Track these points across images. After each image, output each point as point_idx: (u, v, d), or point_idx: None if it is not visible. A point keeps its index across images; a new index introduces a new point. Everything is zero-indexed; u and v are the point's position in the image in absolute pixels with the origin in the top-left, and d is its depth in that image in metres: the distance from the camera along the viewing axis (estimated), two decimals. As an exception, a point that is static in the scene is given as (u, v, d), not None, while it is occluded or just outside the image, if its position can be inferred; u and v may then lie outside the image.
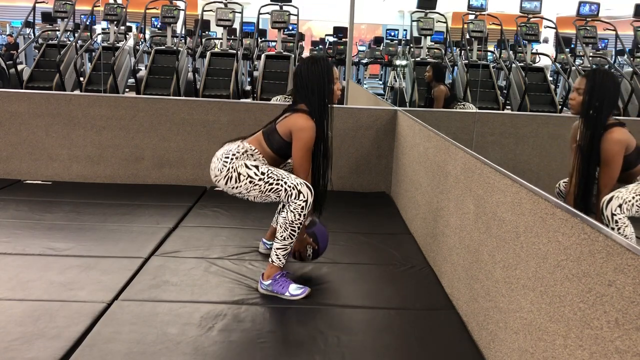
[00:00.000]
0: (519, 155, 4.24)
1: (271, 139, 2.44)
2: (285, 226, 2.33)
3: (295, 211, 2.31)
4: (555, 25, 7.90)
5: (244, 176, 2.34)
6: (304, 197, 2.31)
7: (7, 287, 2.32)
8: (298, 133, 2.36)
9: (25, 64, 9.39)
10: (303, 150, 2.37)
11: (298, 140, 2.36)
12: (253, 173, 2.34)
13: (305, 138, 2.36)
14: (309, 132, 2.35)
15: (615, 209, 2.28)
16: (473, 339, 2.08)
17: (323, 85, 2.41)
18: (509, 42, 8.58)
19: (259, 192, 2.35)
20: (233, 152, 2.39)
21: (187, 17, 9.16)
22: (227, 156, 2.38)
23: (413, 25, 7.79)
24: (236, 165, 2.36)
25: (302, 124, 2.36)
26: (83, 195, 3.69)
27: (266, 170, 2.35)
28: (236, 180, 2.35)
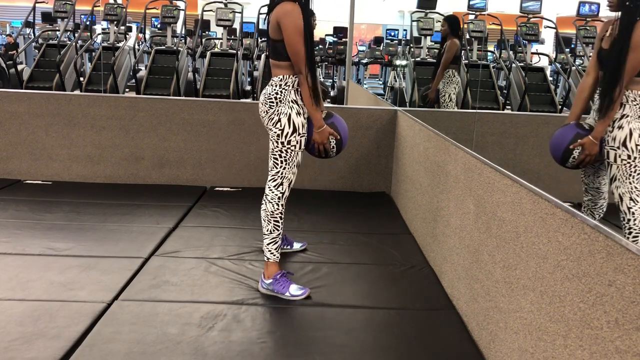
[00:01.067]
0: (519, 155, 4.24)
1: (277, 53, 2.34)
2: (268, 219, 2.40)
3: (273, 201, 2.39)
4: (555, 25, 7.90)
5: (281, 125, 2.33)
6: (282, 189, 2.39)
7: (7, 287, 2.32)
8: (285, 19, 2.25)
9: (25, 64, 9.39)
10: (294, 34, 2.25)
11: (287, 26, 2.25)
12: (286, 132, 2.33)
13: (293, 21, 2.24)
14: (294, 13, 2.25)
15: (630, 203, 2.37)
16: (473, 339, 2.08)
17: None
18: (509, 42, 8.58)
19: (272, 147, 2.38)
20: (273, 95, 2.35)
21: (187, 17, 9.16)
22: (270, 100, 2.35)
23: (413, 25, 7.79)
24: (281, 111, 2.33)
25: (286, 9, 2.26)
26: (83, 195, 3.69)
27: (293, 144, 2.34)
28: (274, 123, 2.34)
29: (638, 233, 2.37)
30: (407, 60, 8.26)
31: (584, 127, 2.56)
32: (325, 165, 4.03)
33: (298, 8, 2.27)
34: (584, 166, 2.59)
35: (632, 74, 2.40)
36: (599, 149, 2.48)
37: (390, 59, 10.71)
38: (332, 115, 2.52)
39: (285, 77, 2.35)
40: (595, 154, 2.50)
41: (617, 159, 2.40)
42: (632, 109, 2.39)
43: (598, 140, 2.47)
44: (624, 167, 2.38)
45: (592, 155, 2.50)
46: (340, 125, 2.52)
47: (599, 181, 2.67)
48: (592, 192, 2.70)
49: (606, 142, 2.45)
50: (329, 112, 2.54)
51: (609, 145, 2.43)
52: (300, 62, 2.29)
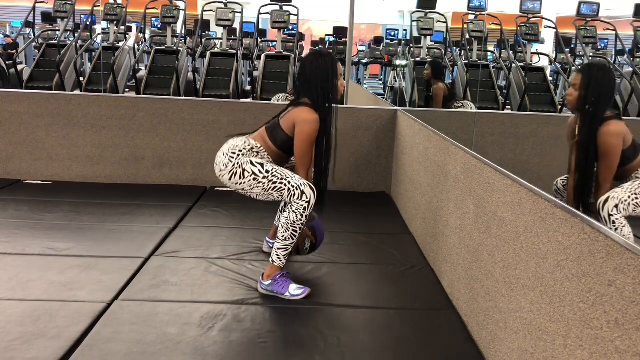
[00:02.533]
0: (519, 155, 4.24)
1: (275, 135, 2.43)
2: (287, 226, 2.33)
3: (298, 212, 2.31)
4: (555, 25, 7.90)
5: (249, 173, 2.34)
6: (307, 197, 2.31)
7: (7, 287, 2.32)
8: (300, 125, 2.34)
9: (25, 64, 9.39)
10: (305, 142, 2.36)
11: (300, 132, 2.35)
12: (257, 170, 2.34)
13: (307, 131, 2.34)
14: (311, 124, 2.34)
15: (612, 210, 2.28)
16: (473, 339, 2.08)
17: (327, 80, 2.39)
18: (509, 42, 8.58)
19: (262, 190, 2.35)
20: (240, 148, 2.38)
21: (187, 17, 9.16)
22: (233, 152, 2.38)
23: (413, 25, 7.79)
24: (242, 162, 2.35)
25: (305, 117, 2.34)
26: (83, 195, 3.69)
27: (271, 169, 2.35)
28: (240, 176, 2.35)
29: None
30: (407, 60, 8.26)
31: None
32: (325, 165, 4.02)
33: (316, 118, 2.36)
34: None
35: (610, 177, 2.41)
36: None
37: (390, 59, 10.70)
38: (314, 219, 2.57)
39: (262, 149, 2.43)
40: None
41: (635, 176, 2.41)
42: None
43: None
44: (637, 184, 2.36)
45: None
46: (319, 229, 2.59)
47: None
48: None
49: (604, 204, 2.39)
50: (312, 214, 2.55)
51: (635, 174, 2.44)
52: (303, 165, 2.41)
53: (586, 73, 2.49)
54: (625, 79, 7.18)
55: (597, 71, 2.50)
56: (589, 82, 2.46)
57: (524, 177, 1.77)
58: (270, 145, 2.44)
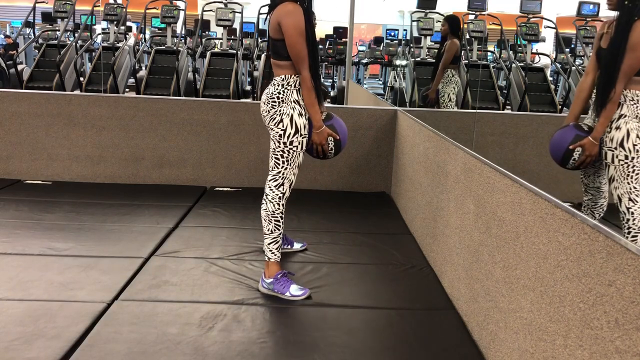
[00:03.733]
0: (519, 155, 4.24)
1: (278, 52, 2.35)
2: (269, 219, 2.40)
3: (274, 201, 2.39)
4: (555, 25, 7.90)
5: (283, 125, 2.33)
6: (282, 190, 2.39)
7: (7, 287, 2.32)
8: (286, 19, 2.24)
9: (25, 64, 9.39)
10: (295, 34, 2.25)
11: (287, 25, 2.24)
12: (288, 133, 2.33)
13: (294, 21, 2.24)
14: (297, 15, 2.25)
15: (629, 203, 2.36)
16: (473, 339, 2.08)
17: None
18: (509, 42, 8.58)
19: (274, 146, 2.37)
20: (275, 95, 2.35)
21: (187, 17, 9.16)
22: (273, 99, 2.35)
23: (413, 25, 7.79)
24: (283, 111, 2.33)
25: (288, 9, 2.25)
26: (83, 195, 3.69)
27: (295, 144, 2.34)
28: (276, 123, 2.34)
29: (637, 232, 2.37)
30: (407, 60, 8.26)
31: (583, 128, 2.55)
32: (325, 165, 4.03)
33: (300, 9, 2.27)
34: (584, 167, 2.58)
35: (630, 74, 2.38)
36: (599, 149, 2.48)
37: (390, 59, 10.70)
38: (332, 117, 2.52)
39: (287, 76, 2.35)
40: (596, 154, 2.49)
41: (615, 159, 2.40)
42: (629, 109, 2.38)
43: (598, 140, 2.46)
44: (622, 168, 2.37)
45: (593, 156, 2.49)
46: (340, 126, 2.52)
47: (599, 181, 2.66)
48: (593, 192, 2.70)
49: (604, 142, 2.44)
50: (329, 113, 2.54)
51: (607, 146, 2.42)
52: (301, 62, 2.29)
53: None
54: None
55: None
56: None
57: (524, 177, 1.77)
58: (285, 65, 2.34)
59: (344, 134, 2.53)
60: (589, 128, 2.54)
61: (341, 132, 2.52)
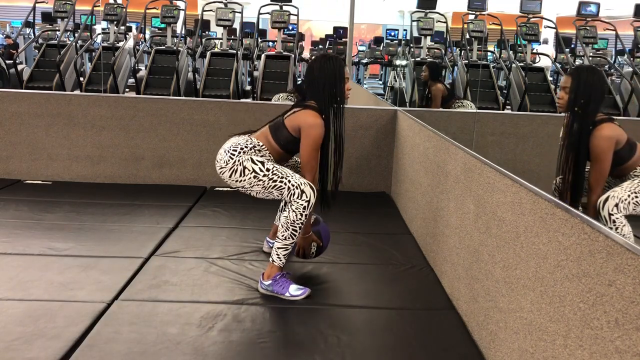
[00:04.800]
0: (519, 155, 4.24)
1: (278, 134, 2.42)
2: (287, 226, 2.33)
3: (297, 211, 2.31)
4: (555, 25, 7.90)
5: (249, 170, 2.34)
6: (307, 197, 2.31)
7: (7, 287, 2.32)
8: (307, 130, 2.34)
9: (25, 64, 9.39)
10: (311, 147, 2.36)
11: (307, 137, 2.35)
12: (258, 168, 2.33)
13: (314, 135, 2.34)
14: (318, 129, 2.34)
15: (612, 209, 2.29)
16: (473, 339, 2.08)
17: (334, 83, 2.41)
18: (509, 42, 8.58)
19: (262, 188, 2.35)
20: (241, 146, 2.38)
21: (187, 17, 9.16)
22: (234, 149, 2.37)
23: (413, 25, 7.79)
24: (242, 159, 2.35)
25: (311, 121, 2.35)
26: (83, 195, 3.69)
27: (271, 167, 2.35)
28: (241, 173, 2.35)
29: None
30: (407, 60, 8.26)
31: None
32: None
33: (322, 122, 2.36)
34: None
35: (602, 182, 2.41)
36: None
37: (390, 59, 10.70)
38: (319, 222, 2.60)
39: (264, 147, 2.42)
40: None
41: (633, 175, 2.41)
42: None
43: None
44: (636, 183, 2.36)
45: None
46: (325, 233, 2.61)
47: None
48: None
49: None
50: (317, 217, 2.60)
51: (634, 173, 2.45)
52: (308, 170, 2.40)
53: (575, 76, 2.49)
54: (626, 79, 7.18)
55: (586, 74, 2.49)
56: (578, 84, 2.45)
57: (524, 177, 1.77)
58: (273, 144, 2.43)
59: (327, 241, 2.64)
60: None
61: (325, 238, 2.62)
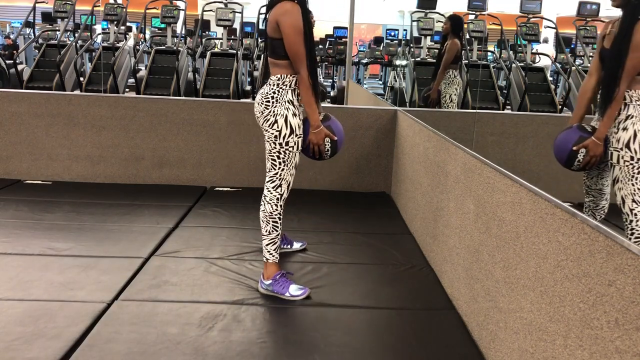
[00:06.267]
0: (519, 155, 4.24)
1: (276, 51, 2.34)
2: (267, 220, 2.40)
3: (272, 202, 2.39)
4: (555, 25, 7.90)
5: (277, 127, 2.31)
6: (281, 191, 2.39)
7: (7, 287, 2.32)
8: (284, 18, 2.24)
9: (25, 64, 9.39)
10: (294, 33, 2.25)
11: (285, 25, 2.25)
12: (283, 134, 2.32)
13: (292, 21, 2.24)
14: (295, 14, 2.25)
15: (632, 205, 2.34)
16: (473, 339, 2.08)
17: None
18: (509, 42, 8.58)
19: (270, 148, 2.37)
20: (270, 94, 2.34)
21: (187, 17, 9.16)
22: (267, 99, 2.34)
23: (413, 25, 7.79)
24: (277, 112, 2.32)
25: (286, 8, 2.26)
26: (83, 195, 3.69)
27: (291, 145, 2.34)
28: (271, 125, 2.33)
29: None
30: (407, 60, 8.26)
31: (587, 129, 2.54)
32: (325, 165, 4.03)
33: (298, 7, 2.27)
34: (589, 168, 2.55)
35: (632, 73, 2.37)
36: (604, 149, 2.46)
37: (390, 59, 10.70)
38: (329, 118, 2.53)
39: (283, 76, 2.34)
40: (600, 155, 2.46)
41: (620, 160, 2.38)
42: (636, 109, 2.36)
43: (602, 140, 2.44)
44: (627, 169, 2.35)
45: (597, 156, 2.47)
46: (337, 127, 2.52)
47: (602, 183, 2.65)
48: (594, 194, 2.68)
49: (610, 143, 2.43)
50: (327, 114, 2.54)
51: (613, 146, 2.40)
52: (299, 61, 2.29)
53: None
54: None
55: None
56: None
57: (524, 177, 1.77)
58: (282, 64, 2.33)
59: (341, 135, 2.53)
60: (593, 129, 2.52)
61: (338, 133, 2.52)
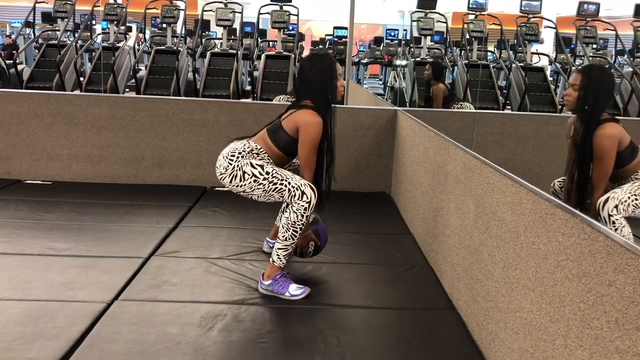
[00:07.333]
0: (519, 155, 4.24)
1: (277, 137, 2.43)
2: (288, 227, 2.34)
3: (298, 212, 2.32)
4: (555, 25, 7.90)
5: (249, 175, 2.34)
6: (307, 198, 2.31)
7: (7, 287, 2.32)
8: (306, 128, 2.35)
9: (25, 64, 9.39)
10: (310, 146, 2.37)
11: (305, 135, 2.36)
12: (258, 172, 2.34)
13: (312, 133, 2.35)
14: (316, 127, 2.35)
15: (612, 210, 2.29)
16: (473, 339, 2.08)
17: (326, 81, 2.41)
18: (509, 42, 8.58)
19: (263, 192, 2.36)
20: (239, 151, 2.39)
21: (187, 17, 9.16)
22: (232, 154, 2.38)
23: (413, 25, 7.79)
24: (241, 164, 2.36)
25: (309, 120, 2.35)
26: (83, 195, 3.69)
27: (271, 170, 2.35)
28: (241, 178, 2.35)
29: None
30: (407, 60, 8.26)
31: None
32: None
33: (320, 120, 2.36)
34: None
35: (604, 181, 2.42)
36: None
37: (390, 59, 10.70)
38: (318, 222, 2.60)
39: (263, 151, 2.43)
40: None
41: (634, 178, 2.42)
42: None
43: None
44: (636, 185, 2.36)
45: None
46: (323, 232, 2.61)
47: None
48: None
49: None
50: (316, 217, 2.59)
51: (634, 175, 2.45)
52: (307, 169, 2.41)
53: (586, 74, 2.50)
54: (626, 79, 7.18)
55: (597, 73, 2.52)
56: (587, 83, 2.46)
57: (524, 177, 1.77)
58: (272, 147, 2.44)
59: (325, 240, 2.64)
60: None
61: (323, 238, 2.61)
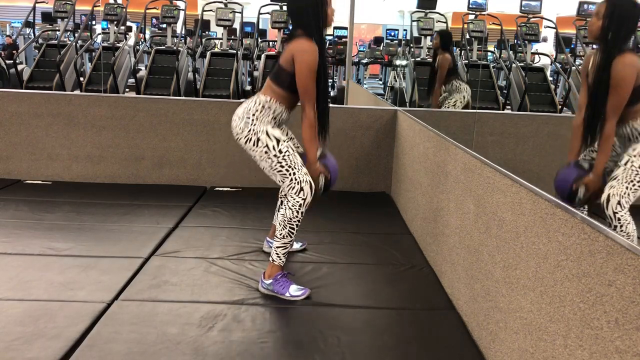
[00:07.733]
0: (519, 155, 4.24)
1: (280, 78, 2.38)
2: (284, 224, 2.34)
3: (294, 208, 2.33)
4: (555, 25, 7.90)
5: (262, 143, 2.33)
6: (304, 195, 2.32)
7: (7, 287, 2.32)
8: (300, 56, 2.29)
9: (25, 64, 9.39)
10: (306, 73, 2.30)
11: (300, 62, 2.29)
12: (272, 146, 2.33)
13: (308, 60, 2.29)
14: (311, 54, 2.29)
15: (616, 207, 2.32)
16: (473, 339, 2.08)
17: (317, 7, 2.36)
18: (509, 42, 8.58)
19: (269, 166, 2.36)
20: (252, 112, 2.36)
21: (187, 17, 9.16)
22: (248, 116, 2.36)
23: (413, 25, 7.79)
24: (258, 130, 2.34)
25: (303, 46, 2.30)
26: (83, 195, 3.69)
27: (285, 150, 2.33)
28: (254, 143, 2.34)
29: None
30: (407, 60, 8.26)
31: (584, 166, 2.55)
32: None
33: (315, 47, 2.31)
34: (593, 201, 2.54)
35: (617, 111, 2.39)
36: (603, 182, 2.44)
37: (390, 59, 10.70)
38: (326, 156, 2.55)
39: (271, 100, 2.38)
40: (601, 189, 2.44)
41: (628, 163, 2.39)
42: None
43: (600, 175, 2.44)
44: (629, 172, 2.36)
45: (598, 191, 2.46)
46: (332, 166, 2.55)
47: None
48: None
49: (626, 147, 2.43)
50: (323, 151, 2.56)
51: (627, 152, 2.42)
52: (308, 99, 2.34)
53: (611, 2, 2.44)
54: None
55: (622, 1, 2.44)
56: (612, 11, 2.41)
57: (524, 177, 1.77)
58: (278, 91, 2.38)
59: (335, 174, 2.56)
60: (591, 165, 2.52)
61: (332, 171, 2.54)
